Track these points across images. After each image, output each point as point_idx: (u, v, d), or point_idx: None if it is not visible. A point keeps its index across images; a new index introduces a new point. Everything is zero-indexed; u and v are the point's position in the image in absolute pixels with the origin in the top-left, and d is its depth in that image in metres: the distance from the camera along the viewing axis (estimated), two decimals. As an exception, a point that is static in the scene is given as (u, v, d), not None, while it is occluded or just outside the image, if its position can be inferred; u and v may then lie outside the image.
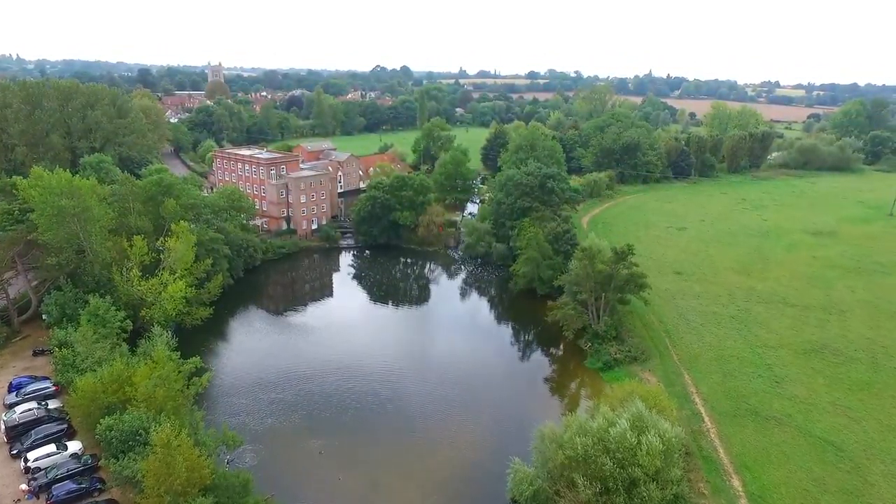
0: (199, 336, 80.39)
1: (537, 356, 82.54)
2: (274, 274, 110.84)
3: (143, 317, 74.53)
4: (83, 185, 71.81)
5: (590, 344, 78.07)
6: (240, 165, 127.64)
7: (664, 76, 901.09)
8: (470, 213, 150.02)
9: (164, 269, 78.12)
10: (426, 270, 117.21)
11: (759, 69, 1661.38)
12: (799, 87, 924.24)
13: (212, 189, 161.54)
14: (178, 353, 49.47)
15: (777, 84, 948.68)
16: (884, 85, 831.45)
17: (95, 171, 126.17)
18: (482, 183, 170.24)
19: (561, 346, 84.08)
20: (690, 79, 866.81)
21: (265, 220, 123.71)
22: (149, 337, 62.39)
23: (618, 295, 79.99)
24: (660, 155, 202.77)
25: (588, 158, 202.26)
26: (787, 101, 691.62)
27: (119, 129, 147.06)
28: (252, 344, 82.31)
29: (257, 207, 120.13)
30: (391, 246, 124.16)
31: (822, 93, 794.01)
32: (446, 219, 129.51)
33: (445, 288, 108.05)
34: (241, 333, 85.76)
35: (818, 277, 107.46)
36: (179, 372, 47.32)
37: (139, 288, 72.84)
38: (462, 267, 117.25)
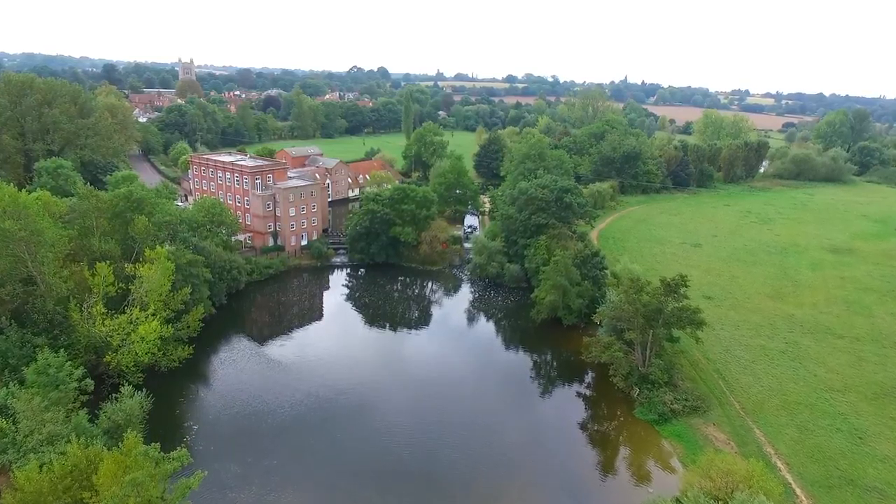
0: (175, 380, 67.44)
1: (574, 402, 71.62)
2: (261, 298, 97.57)
3: (107, 363, 61.40)
4: (32, 203, 58.27)
5: (637, 390, 67.70)
6: (220, 173, 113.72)
7: (639, 82, 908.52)
8: (470, 226, 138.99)
9: (133, 302, 64.94)
10: (432, 294, 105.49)
11: (729, 77, 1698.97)
12: (768, 95, 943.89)
13: (186, 197, 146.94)
14: (157, 444, 37.17)
15: (747, 92, 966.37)
16: (847, 95, 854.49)
17: (52, 177, 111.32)
18: (483, 193, 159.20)
19: (598, 388, 73.66)
20: (665, 86, 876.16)
21: (249, 235, 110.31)
22: (116, 398, 49.51)
23: (666, 332, 70.04)
24: (660, 164, 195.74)
25: (585, 167, 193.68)
26: (759, 109, 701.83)
27: (81, 129, 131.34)
28: (239, 389, 69.34)
29: (240, 221, 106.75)
30: (389, 265, 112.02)
31: (790, 102, 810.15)
32: (450, 235, 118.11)
33: (455, 315, 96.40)
34: (225, 376, 72.62)
35: (855, 303, 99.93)
36: (157, 464, 35.10)
37: (103, 329, 59.60)
38: (470, 289, 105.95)
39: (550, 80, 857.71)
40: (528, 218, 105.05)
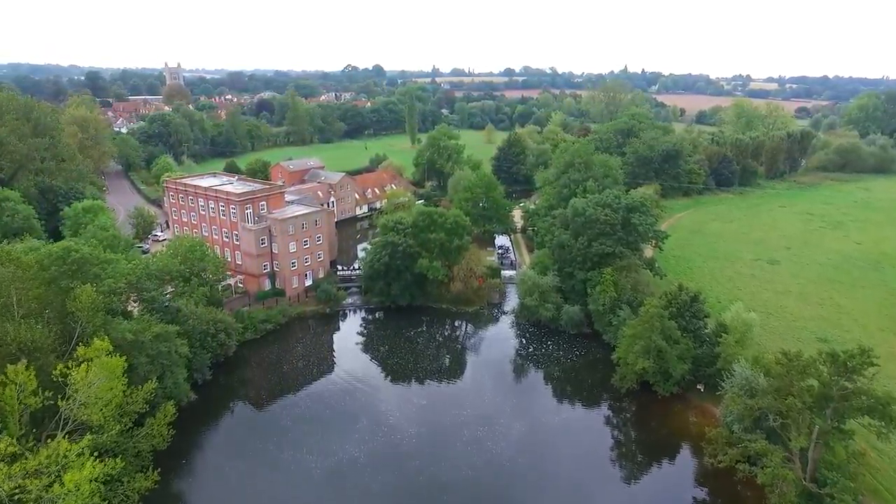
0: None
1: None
2: (256, 366, 75.73)
3: (23, 526, 40.33)
4: None
5: (807, 517, 46.83)
6: (201, 202, 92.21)
7: (639, 71, 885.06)
8: (501, 247, 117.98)
9: (63, 423, 43.95)
10: (470, 344, 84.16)
11: (729, 62, 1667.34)
12: (770, 80, 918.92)
13: (168, 224, 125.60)
14: None
15: (749, 78, 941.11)
16: (851, 77, 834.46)
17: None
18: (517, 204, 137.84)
19: (729, 497, 52.85)
20: (665, 74, 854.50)
21: (240, 277, 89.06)
22: None
23: (836, 424, 49.10)
24: (701, 163, 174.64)
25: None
26: (764, 94, 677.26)
27: (35, 151, 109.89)
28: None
29: (228, 261, 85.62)
30: (415, 307, 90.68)
31: (794, 86, 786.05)
32: (488, 265, 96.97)
33: (505, 376, 74.87)
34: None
35: None
36: None
37: (7, 484, 38.46)
38: (519, 336, 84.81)
39: (549, 71, 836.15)
40: (588, 245, 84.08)
